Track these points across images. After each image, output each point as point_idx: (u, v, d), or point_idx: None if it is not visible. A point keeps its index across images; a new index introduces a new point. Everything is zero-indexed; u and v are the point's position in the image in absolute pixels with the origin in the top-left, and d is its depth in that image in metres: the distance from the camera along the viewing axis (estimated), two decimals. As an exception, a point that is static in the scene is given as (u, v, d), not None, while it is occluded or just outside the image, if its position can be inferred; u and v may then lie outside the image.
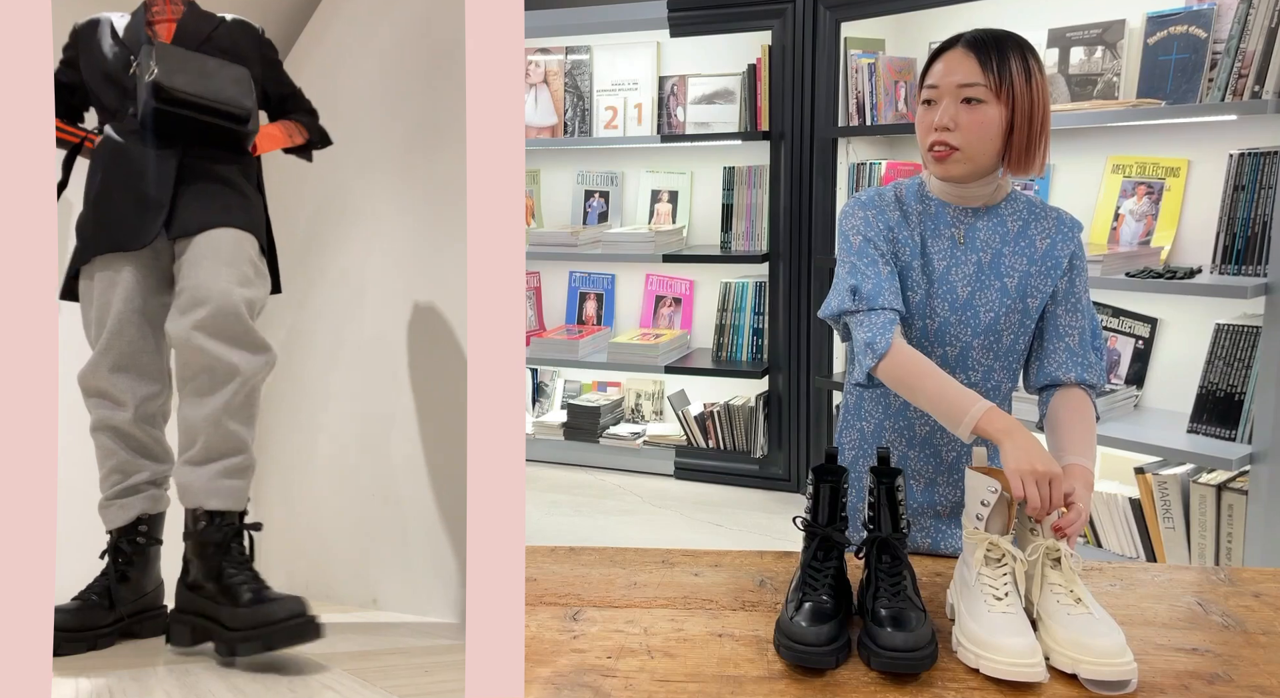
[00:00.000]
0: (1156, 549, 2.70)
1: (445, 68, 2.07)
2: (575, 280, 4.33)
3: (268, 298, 1.81)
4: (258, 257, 1.77)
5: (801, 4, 3.62)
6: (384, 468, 2.19)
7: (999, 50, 1.35)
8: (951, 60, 1.36)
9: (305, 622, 1.53)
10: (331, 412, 2.33)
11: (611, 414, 4.19)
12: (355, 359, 2.31)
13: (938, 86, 1.36)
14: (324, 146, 2.00)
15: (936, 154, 1.36)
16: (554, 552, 1.48)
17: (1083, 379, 1.44)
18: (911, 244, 1.42)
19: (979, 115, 1.34)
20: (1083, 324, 1.45)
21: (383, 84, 2.29)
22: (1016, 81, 1.34)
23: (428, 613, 2.02)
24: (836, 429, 1.60)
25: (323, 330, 2.38)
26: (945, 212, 1.43)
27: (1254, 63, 2.53)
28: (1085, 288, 1.46)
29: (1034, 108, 1.35)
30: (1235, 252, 2.61)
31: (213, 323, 1.63)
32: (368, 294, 2.30)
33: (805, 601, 1.15)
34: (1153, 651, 1.15)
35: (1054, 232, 1.44)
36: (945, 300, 1.41)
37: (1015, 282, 1.42)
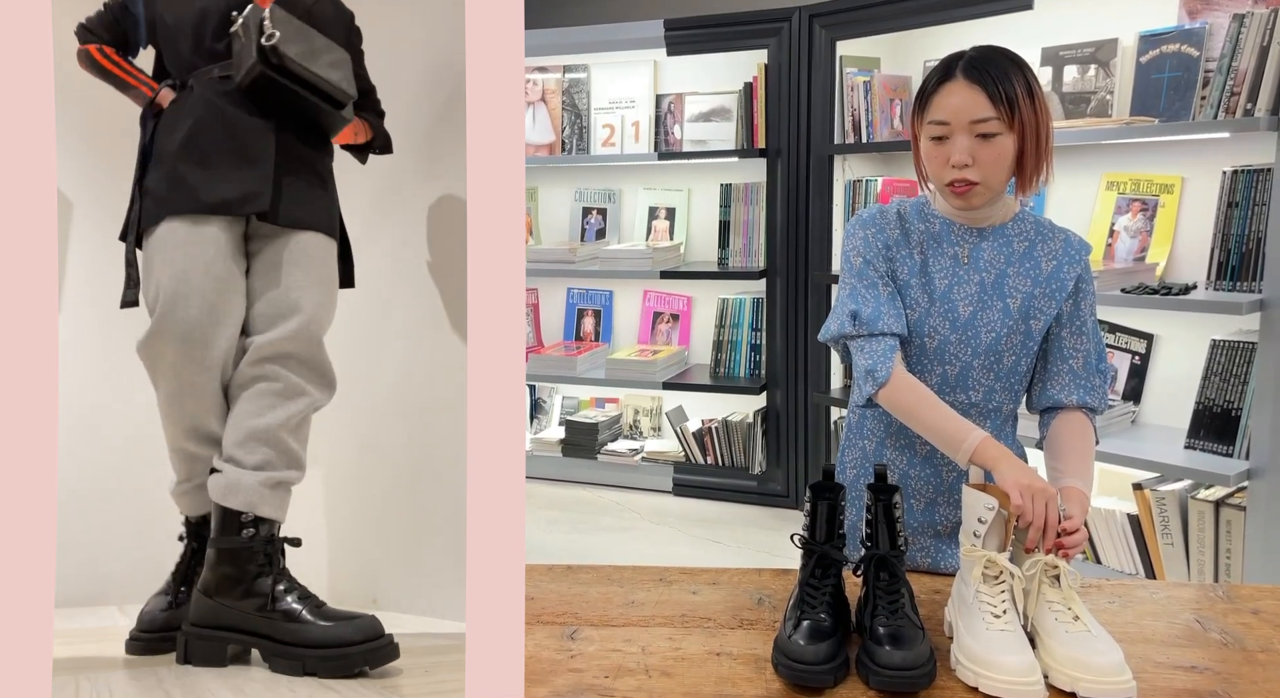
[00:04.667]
0: (1155, 565, 2.70)
1: (446, 84, 2.08)
2: (573, 297, 4.34)
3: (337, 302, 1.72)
4: (335, 266, 1.70)
5: (797, 23, 3.64)
6: (384, 469, 2.19)
7: (1002, 76, 1.32)
8: (958, 94, 1.33)
9: (386, 645, 1.46)
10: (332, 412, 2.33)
11: (609, 431, 4.19)
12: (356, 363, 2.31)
13: (949, 123, 1.33)
14: (383, 153, 1.88)
15: (957, 190, 1.35)
16: (551, 570, 1.48)
17: (1084, 403, 1.44)
18: (911, 262, 1.43)
19: (996, 149, 1.32)
20: (1087, 347, 1.45)
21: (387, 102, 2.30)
22: (1023, 106, 1.32)
23: (428, 613, 2.02)
24: (839, 447, 1.60)
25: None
26: (950, 230, 1.43)
27: (1246, 80, 2.55)
28: (1092, 311, 1.45)
29: (1040, 127, 1.35)
30: (1230, 268, 2.62)
31: (287, 350, 1.58)
32: (367, 304, 2.30)
33: (803, 619, 1.15)
34: (1151, 668, 1.15)
35: (1060, 254, 1.43)
36: (946, 319, 1.41)
37: (1018, 302, 1.41)
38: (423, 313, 2.17)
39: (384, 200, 2.29)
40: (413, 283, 2.21)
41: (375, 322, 2.28)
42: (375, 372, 2.26)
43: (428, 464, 2.12)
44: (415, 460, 2.15)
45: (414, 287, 2.21)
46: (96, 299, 2.31)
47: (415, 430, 2.15)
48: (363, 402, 2.31)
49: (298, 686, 1.42)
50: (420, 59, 2.14)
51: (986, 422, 1.45)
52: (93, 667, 1.52)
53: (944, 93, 1.35)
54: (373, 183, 2.16)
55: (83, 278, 2.39)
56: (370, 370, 2.28)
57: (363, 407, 2.31)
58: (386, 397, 2.22)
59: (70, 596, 1.68)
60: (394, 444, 2.19)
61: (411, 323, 2.20)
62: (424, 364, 2.16)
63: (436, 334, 2.13)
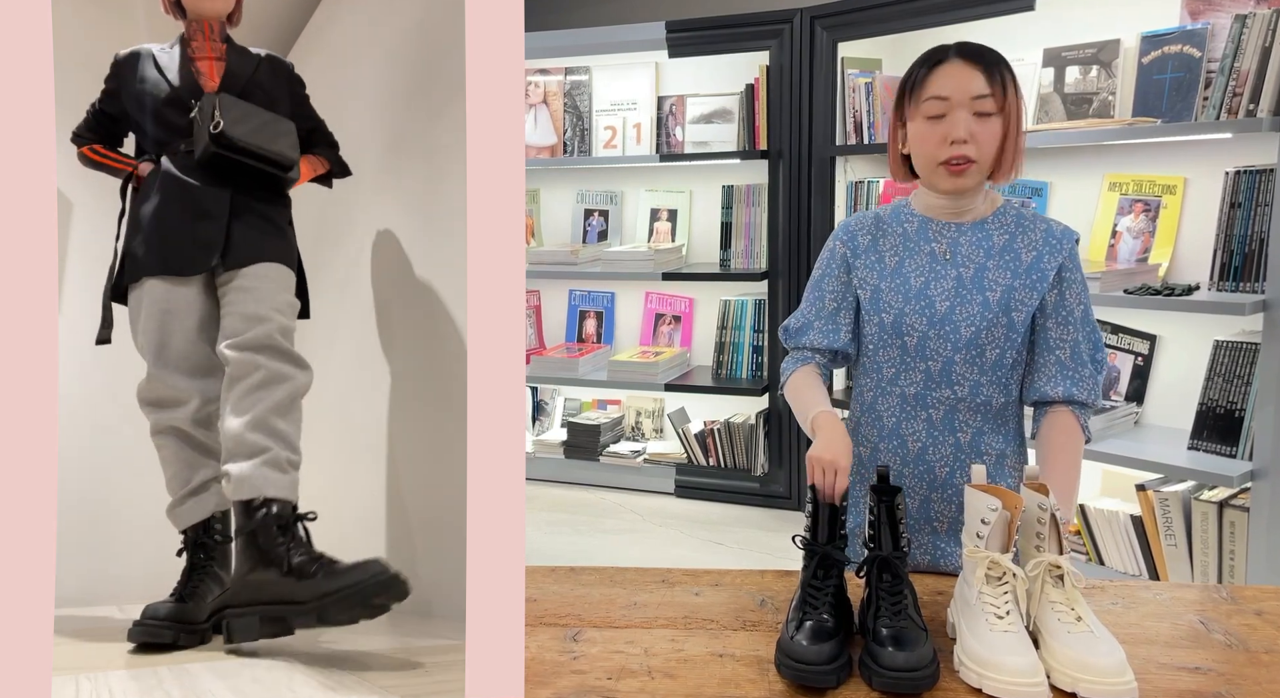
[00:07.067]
0: (1159, 566, 2.69)
1: (444, 87, 2.08)
2: (575, 299, 4.34)
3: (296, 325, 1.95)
4: (293, 289, 1.93)
5: (799, 24, 3.64)
6: (384, 470, 2.19)
7: (995, 61, 1.39)
8: (958, 72, 1.37)
9: (390, 578, 1.56)
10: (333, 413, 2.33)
11: (611, 432, 4.18)
12: (356, 365, 2.31)
13: (949, 99, 1.36)
14: (343, 176, 2.14)
15: (955, 168, 1.37)
16: (554, 572, 1.47)
17: (1071, 395, 1.43)
18: (880, 267, 1.46)
19: (990, 127, 1.37)
20: (1074, 337, 1.44)
21: (380, 100, 2.31)
22: (1010, 92, 1.39)
23: (427, 613, 2.02)
24: None
25: (323, 341, 2.38)
26: (928, 228, 1.45)
27: (1248, 81, 2.55)
28: (1080, 300, 1.45)
29: (1020, 117, 1.41)
30: (1233, 268, 2.61)
31: (264, 341, 1.78)
32: (366, 308, 2.31)
33: (806, 620, 1.14)
34: (1155, 670, 1.15)
35: (1041, 244, 1.43)
36: (923, 316, 1.42)
37: (998, 295, 1.41)
38: (422, 315, 2.17)
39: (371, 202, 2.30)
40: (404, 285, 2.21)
41: (375, 326, 2.28)
42: (376, 378, 2.26)
43: (428, 466, 2.12)
44: (416, 462, 2.15)
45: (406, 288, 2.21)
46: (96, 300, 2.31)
47: (417, 433, 2.15)
48: (364, 405, 2.31)
49: (298, 685, 1.42)
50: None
51: (977, 416, 1.45)
52: (93, 667, 1.53)
53: (941, 73, 1.38)
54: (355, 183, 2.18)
55: (83, 278, 2.40)
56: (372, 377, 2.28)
57: (363, 411, 2.31)
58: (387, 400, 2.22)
59: (70, 596, 1.69)
60: (395, 445, 2.19)
61: (411, 324, 2.20)
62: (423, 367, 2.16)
63: (438, 335, 2.13)
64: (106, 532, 2.31)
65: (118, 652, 1.66)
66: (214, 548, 1.85)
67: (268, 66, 2.00)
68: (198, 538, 1.86)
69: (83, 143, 2.03)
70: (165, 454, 1.88)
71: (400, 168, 2.25)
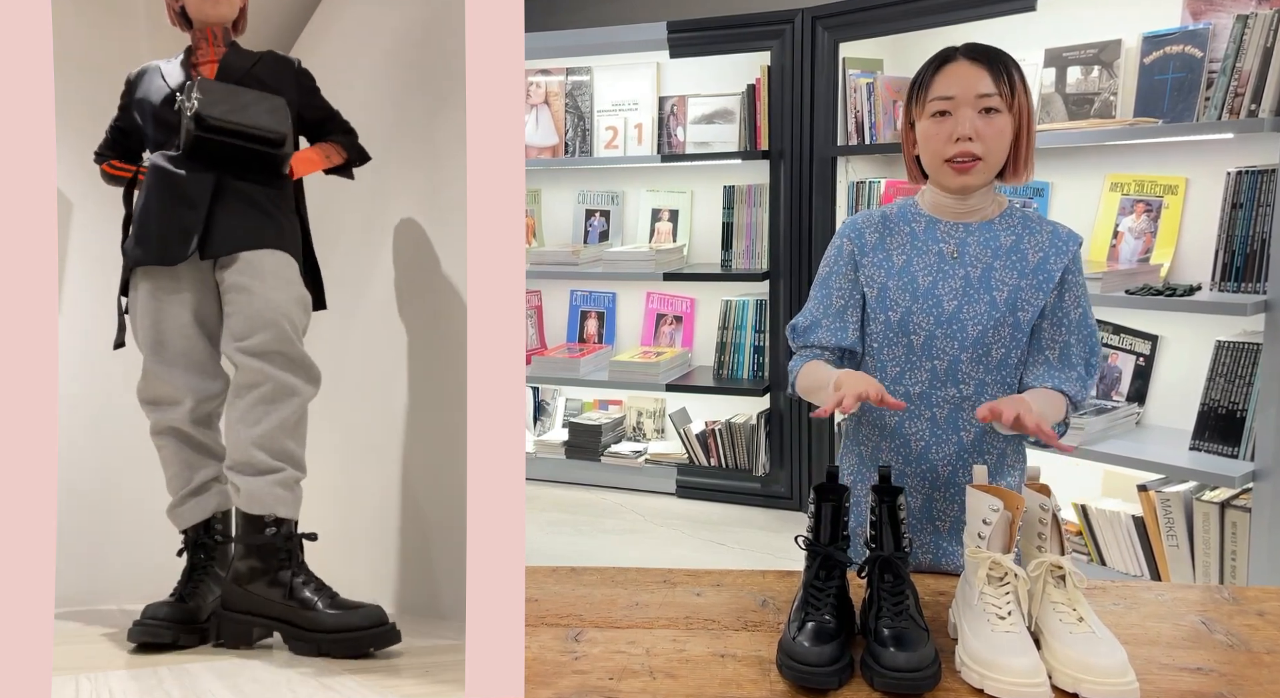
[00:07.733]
0: (1161, 567, 2.69)
1: (444, 88, 2.08)
2: (576, 299, 4.34)
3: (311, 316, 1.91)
4: (298, 278, 1.87)
5: (800, 24, 3.64)
6: (385, 470, 2.19)
7: (1002, 61, 1.40)
8: (963, 72, 1.38)
9: (389, 630, 1.63)
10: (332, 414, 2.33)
11: (613, 433, 4.18)
12: (357, 367, 2.31)
13: (954, 97, 1.37)
14: (363, 163, 2.08)
15: (960, 165, 1.38)
16: (555, 572, 1.47)
17: (1059, 388, 1.45)
18: (888, 265, 1.46)
19: (997, 125, 1.38)
20: (1066, 339, 1.46)
21: (380, 100, 2.31)
22: (1018, 91, 1.39)
23: (427, 613, 2.02)
24: (838, 452, 1.62)
25: (328, 338, 2.38)
26: (936, 227, 1.46)
27: (1250, 82, 2.55)
28: (1078, 304, 1.46)
29: (1031, 116, 1.42)
30: (1234, 269, 2.61)
31: (270, 349, 1.75)
32: (371, 304, 2.30)
33: (808, 620, 1.14)
34: (1157, 670, 1.14)
35: (1047, 245, 1.45)
36: (930, 315, 1.43)
37: (1005, 295, 1.42)
38: (424, 314, 2.17)
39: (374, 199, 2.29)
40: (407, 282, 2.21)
41: (378, 323, 2.27)
42: (378, 380, 2.25)
43: (427, 467, 2.12)
44: (415, 462, 2.15)
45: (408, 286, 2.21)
46: (96, 300, 2.31)
47: (417, 433, 2.15)
48: (364, 406, 2.31)
49: (297, 685, 1.42)
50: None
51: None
52: (93, 666, 1.53)
53: (947, 73, 1.40)
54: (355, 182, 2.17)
55: (83, 278, 2.40)
56: (373, 379, 2.28)
57: (363, 411, 2.31)
58: (387, 402, 2.22)
59: (70, 595, 1.69)
60: (395, 445, 2.19)
61: (413, 324, 2.20)
62: (425, 368, 2.15)
63: (440, 335, 2.13)
64: (106, 532, 2.32)
65: (118, 652, 1.66)
66: (214, 548, 1.87)
67: (269, 60, 1.98)
68: (198, 538, 1.86)
69: (103, 160, 2.04)
70: (165, 455, 1.88)
71: (400, 167, 2.25)
